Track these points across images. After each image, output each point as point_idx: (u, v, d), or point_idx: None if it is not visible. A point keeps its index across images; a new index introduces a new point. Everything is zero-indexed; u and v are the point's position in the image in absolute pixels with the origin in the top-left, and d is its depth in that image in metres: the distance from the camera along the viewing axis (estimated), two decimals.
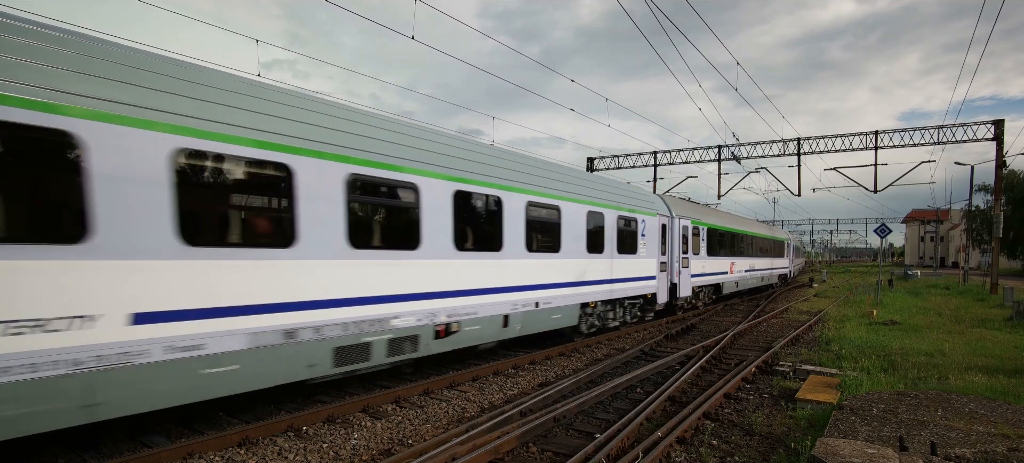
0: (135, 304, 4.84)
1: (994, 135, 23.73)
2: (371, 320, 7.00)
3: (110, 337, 4.69)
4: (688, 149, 30.91)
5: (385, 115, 8.06)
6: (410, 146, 7.72)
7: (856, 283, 38.86)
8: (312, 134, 6.31)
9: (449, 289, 8.16)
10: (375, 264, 7.07)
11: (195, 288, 5.25)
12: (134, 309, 4.83)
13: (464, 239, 8.49)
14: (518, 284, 9.60)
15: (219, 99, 5.55)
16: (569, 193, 11.13)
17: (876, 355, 10.42)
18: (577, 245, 11.25)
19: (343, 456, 5.60)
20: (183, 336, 5.16)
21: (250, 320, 5.67)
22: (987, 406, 6.20)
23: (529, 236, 9.84)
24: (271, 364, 5.88)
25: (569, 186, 11.29)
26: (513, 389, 8.34)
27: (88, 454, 5.34)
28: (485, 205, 8.95)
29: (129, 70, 4.93)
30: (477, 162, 8.89)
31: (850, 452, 4.48)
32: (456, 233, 8.25)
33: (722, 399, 7.67)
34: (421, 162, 7.78)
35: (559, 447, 5.83)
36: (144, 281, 4.90)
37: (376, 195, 7.21)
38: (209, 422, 6.35)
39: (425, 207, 7.75)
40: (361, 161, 6.85)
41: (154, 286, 4.96)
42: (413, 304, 7.59)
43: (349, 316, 6.70)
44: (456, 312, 8.27)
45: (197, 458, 5.35)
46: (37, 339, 4.30)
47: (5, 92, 4.14)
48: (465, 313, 8.44)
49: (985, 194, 47.10)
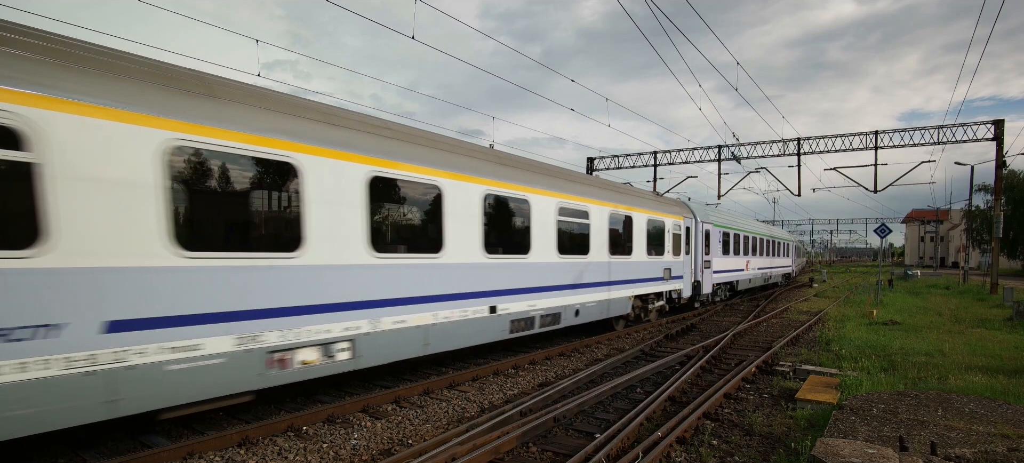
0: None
1: (994, 135, 23.72)
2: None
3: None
4: (688, 149, 30.92)
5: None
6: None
7: (856, 283, 38.86)
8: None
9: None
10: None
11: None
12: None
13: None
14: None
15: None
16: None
17: (876, 355, 10.42)
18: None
19: (343, 456, 5.60)
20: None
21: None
22: (987, 406, 6.20)
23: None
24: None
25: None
26: (513, 389, 8.34)
27: (88, 453, 5.34)
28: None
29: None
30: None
31: (850, 452, 4.48)
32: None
33: (722, 399, 7.67)
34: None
35: (559, 447, 5.83)
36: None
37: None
38: (209, 422, 6.35)
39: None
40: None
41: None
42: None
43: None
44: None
45: (197, 458, 5.35)
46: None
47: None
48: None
49: (985, 194, 47.12)
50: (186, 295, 5.17)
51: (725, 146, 29.51)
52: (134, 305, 4.82)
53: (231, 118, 5.55)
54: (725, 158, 29.69)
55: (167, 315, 5.05)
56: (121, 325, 4.75)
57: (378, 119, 7.72)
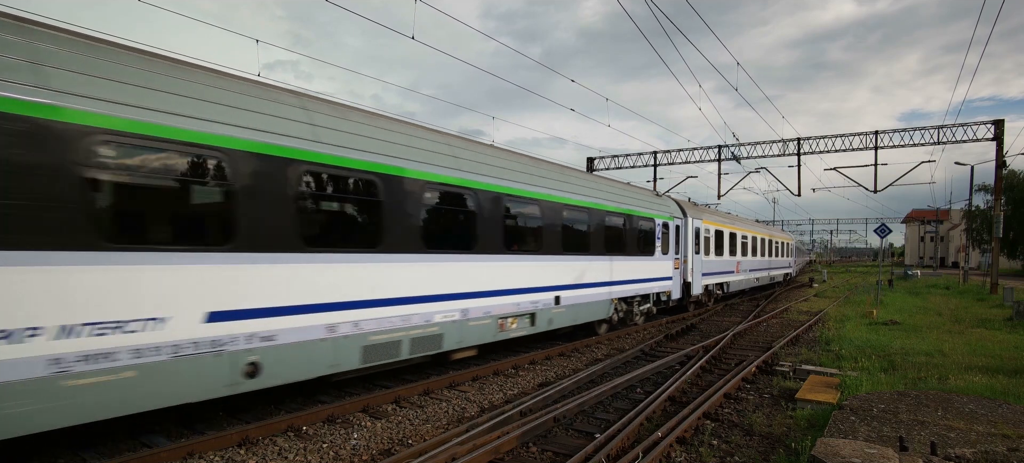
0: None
1: (994, 135, 23.72)
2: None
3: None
4: (688, 149, 30.92)
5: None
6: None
7: (856, 283, 38.86)
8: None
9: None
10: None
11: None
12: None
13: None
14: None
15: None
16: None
17: (876, 355, 10.42)
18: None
19: (343, 456, 5.60)
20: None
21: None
22: (987, 406, 6.20)
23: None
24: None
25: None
26: (513, 389, 8.34)
27: (88, 453, 5.34)
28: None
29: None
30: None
31: (850, 452, 4.48)
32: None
33: (722, 399, 7.67)
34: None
35: (559, 447, 5.83)
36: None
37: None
38: (209, 422, 6.35)
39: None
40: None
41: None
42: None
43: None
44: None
45: (197, 458, 5.35)
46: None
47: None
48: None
49: (985, 194, 47.08)
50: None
51: (725, 146, 29.52)
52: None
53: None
54: (725, 158, 29.70)
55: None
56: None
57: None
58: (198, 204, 5.45)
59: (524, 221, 9.96)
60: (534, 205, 10.12)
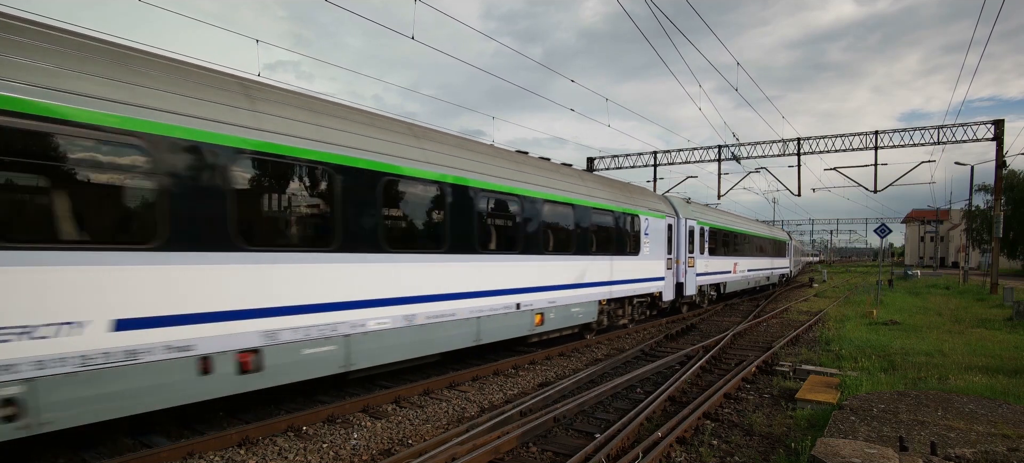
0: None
1: (994, 135, 23.73)
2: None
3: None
4: (688, 149, 30.93)
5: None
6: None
7: (856, 283, 38.86)
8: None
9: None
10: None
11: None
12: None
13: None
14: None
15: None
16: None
17: (876, 355, 10.42)
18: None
19: (343, 456, 5.60)
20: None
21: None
22: (987, 406, 6.20)
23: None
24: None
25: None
26: (513, 389, 8.34)
27: (88, 454, 5.34)
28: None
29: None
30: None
31: (850, 452, 4.48)
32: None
33: (722, 399, 7.67)
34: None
35: (559, 447, 5.83)
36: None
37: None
38: (209, 422, 6.35)
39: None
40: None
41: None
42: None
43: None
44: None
45: (197, 458, 5.35)
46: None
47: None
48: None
49: (985, 194, 47.11)
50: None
51: (725, 146, 29.52)
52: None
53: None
54: (725, 158, 29.70)
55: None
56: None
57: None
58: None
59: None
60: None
